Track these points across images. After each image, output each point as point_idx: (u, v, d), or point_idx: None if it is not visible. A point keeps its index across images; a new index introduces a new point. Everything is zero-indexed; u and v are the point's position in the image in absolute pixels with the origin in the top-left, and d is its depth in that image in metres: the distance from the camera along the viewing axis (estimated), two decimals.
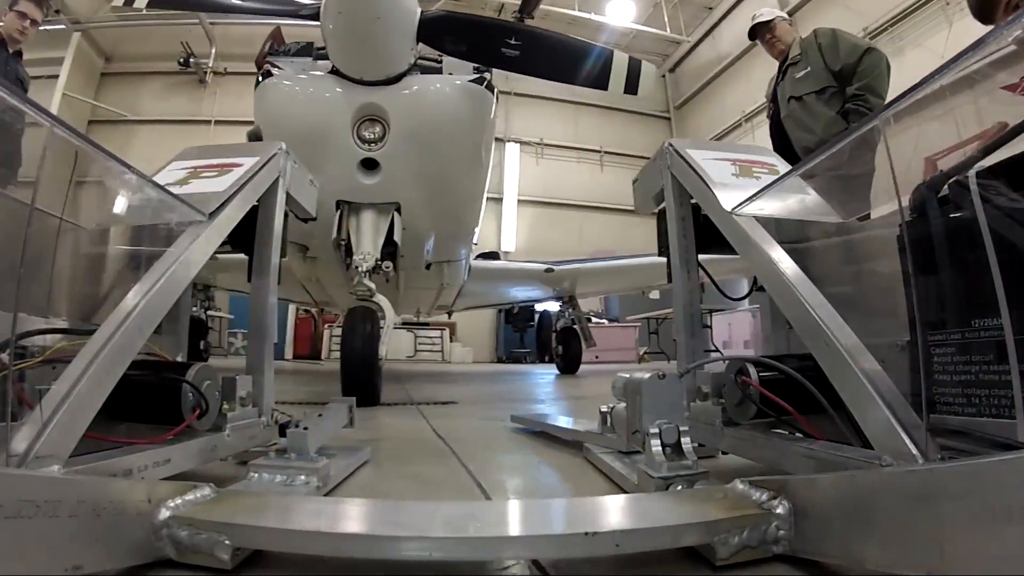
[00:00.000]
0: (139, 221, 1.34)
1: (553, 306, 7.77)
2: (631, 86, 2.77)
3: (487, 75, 2.64)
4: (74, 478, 0.69)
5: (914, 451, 0.71)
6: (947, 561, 0.53)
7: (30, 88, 4.02)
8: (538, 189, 13.47)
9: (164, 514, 0.72)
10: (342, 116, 2.43)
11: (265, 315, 1.40)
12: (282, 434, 1.17)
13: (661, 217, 1.63)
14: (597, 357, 6.85)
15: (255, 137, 2.79)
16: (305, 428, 1.14)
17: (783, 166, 1.59)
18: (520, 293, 6.93)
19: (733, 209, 1.26)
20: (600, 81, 2.71)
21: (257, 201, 1.42)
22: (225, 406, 1.17)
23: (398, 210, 2.75)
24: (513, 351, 12.14)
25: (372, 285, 2.55)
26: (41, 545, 0.59)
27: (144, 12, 10.97)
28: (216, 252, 1.24)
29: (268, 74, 2.50)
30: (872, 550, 0.62)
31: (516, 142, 13.40)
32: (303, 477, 1.05)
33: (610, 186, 13.24)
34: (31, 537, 0.58)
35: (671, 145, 1.57)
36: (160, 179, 1.35)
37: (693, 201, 1.50)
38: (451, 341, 12.40)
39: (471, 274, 5.07)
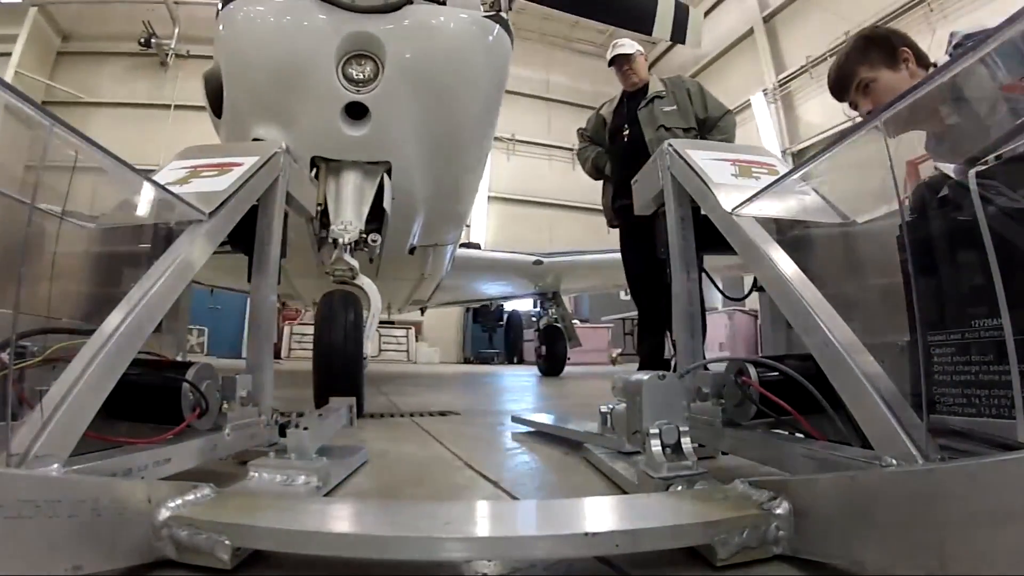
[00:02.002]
0: (139, 220, 1.33)
1: (522, 306, 7.43)
2: (678, 32, 2.45)
3: (505, 15, 2.18)
4: (74, 478, 0.69)
5: (914, 451, 0.71)
6: (947, 561, 0.53)
7: None
8: (510, 186, 13.18)
9: (164, 514, 0.72)
10: (324, 47, 1.92)
11: (265, 315, 1.40)
12: (282, 434, 1.17)
13: (661, 217, 1.64)
14: (568, 359, 6.58)
15: (212, 81, 2.27)
16: (305, 428, 1.14)
17: (782, 166, 1.59)
18: (498, 288, 6.40)
19: (733, 210, 1.26)
20: (643, 23, 2.39)
21: (257, 201, 1.42)
22: (225, 406, 1.17)
23: (388, 172, 2.21)
24: (481, 352, 11.70)
25: (355, 263, 2.04)
26: (41, 545, 0.59)
27: None
28: (216, 251, 1.24)
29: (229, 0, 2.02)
30: (872, 550, 0.62)
31: None
32: (303, 477, 1.05)
33: (582, 186, 12.77)
34: (31, 537, 0.58)
35: (671, 146, 1.57)
36: (160, 178, 1.35)
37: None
38: (417, 340, 12.01)
39: (454, 264, 4.42)
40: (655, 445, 0.98)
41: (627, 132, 3.51)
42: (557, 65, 14.03)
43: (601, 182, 3.74)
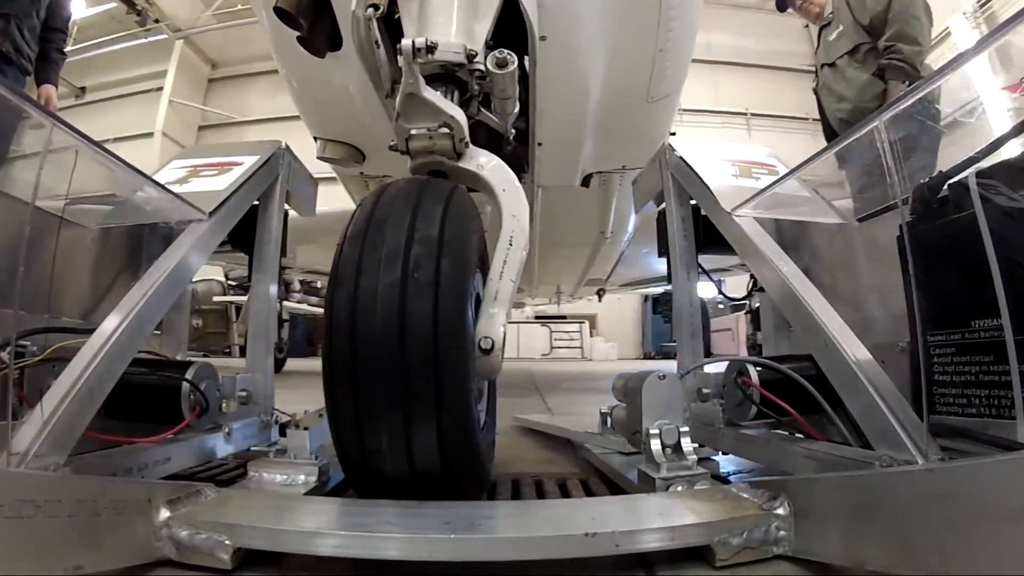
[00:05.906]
0: (140, 220, 1.33)
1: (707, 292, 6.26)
2: None
3: None
4: (74, 478, 0.69)
5: (914, 451, 0.71)
6: (947, 561, 0.53)
7: None
8: None
9: (164, 514, 0.72)
10: None
11: (265, 314, 1.40)
12: (282, 434, 1.17)
13: (661, 218, 1.64)
14: None
15: None
16: (305, 428, 1.13)
17: (782, 167, 1.59)
18: None
19: (733, 210, 1.26)
20: None
21: (257, 200, 1.42)
22: (225, 405, 1.17)
23: None
24: (663, 345, 10.32)
25: (456, 112, 1.01)
26: (41, 545, 0.59)
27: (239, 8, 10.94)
28: (216, 251, 1.24)
29: None
30: (872, 550, 0.62)
31: None
32: (303, 477, 1.05)
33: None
34: (31, 537, 0.58)
35: (671, 146, 1.57)
36: (160, 178, 1.35)
37: (693, 202, 1.51)
38: (591, 336, 10.77)
39: (640, 225, 2.87)
40: (655, 445, 0.98)
41: (816, 83, 2.74)
42: (717, 24, 11.60)
43: None
